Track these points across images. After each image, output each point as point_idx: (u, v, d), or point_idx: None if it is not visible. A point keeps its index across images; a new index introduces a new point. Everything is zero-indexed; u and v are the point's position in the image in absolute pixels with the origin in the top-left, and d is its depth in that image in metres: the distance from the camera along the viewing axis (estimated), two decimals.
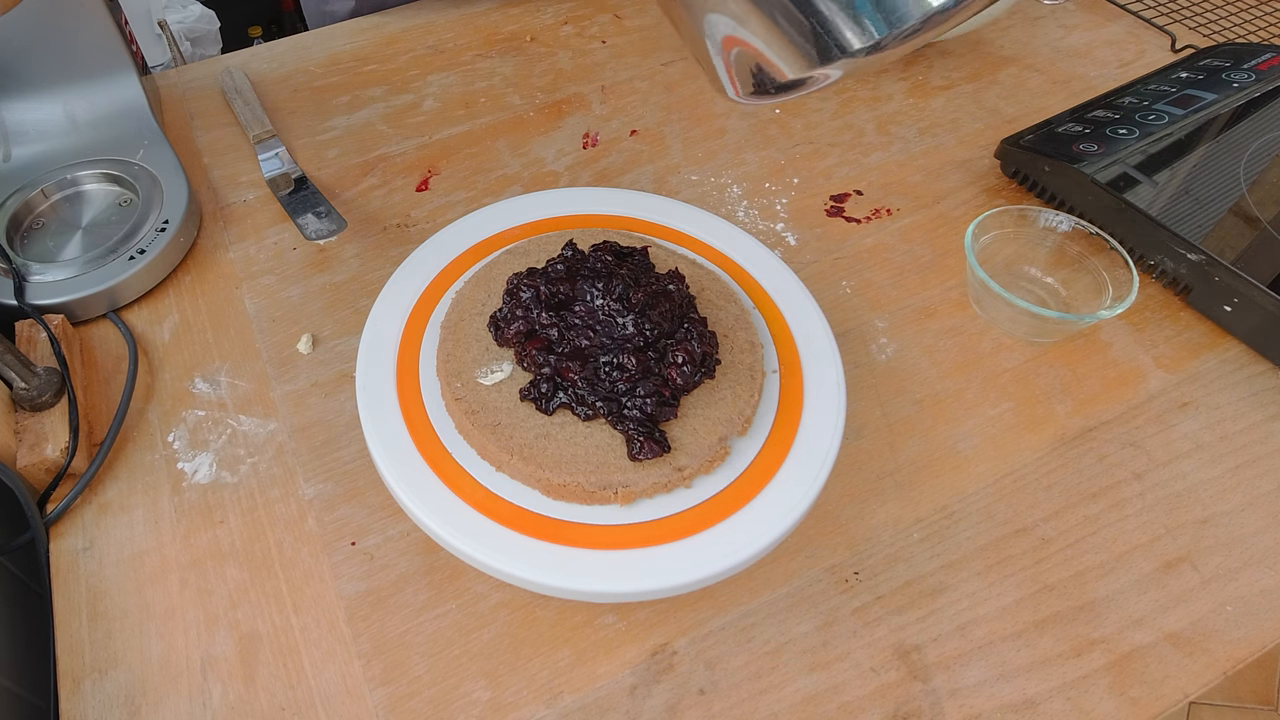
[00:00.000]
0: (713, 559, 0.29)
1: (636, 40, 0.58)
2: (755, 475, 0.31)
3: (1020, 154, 0.46)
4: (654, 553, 0.29)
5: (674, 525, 0.30)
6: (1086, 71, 0.55)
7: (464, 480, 0.31)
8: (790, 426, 0.32)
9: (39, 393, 0.35)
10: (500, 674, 0.30)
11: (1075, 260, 0.41)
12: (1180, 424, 0.38)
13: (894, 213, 0.47)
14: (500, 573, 0.29)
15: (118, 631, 0.31)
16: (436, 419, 0.32)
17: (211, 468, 0.36)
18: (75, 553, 0.34)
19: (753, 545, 0.29)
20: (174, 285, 0.43)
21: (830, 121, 0.52)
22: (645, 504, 0.30)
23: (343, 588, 0.32)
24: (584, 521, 0.30)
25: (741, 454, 0.32)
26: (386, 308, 0.36)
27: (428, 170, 0.49)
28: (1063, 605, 0.32)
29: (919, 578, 0.33)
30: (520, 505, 0.30)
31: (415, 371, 0.34)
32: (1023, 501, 0.35)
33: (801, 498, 0.30)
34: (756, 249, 0.39)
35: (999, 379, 0.39)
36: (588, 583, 0.28)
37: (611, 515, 0.30)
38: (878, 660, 0.31)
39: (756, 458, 0.32)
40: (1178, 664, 0.31)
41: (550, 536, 0.29)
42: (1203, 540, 0.34)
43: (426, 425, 0.32)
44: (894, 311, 0.42)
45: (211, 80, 0.55)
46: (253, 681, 0.30)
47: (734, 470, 0.31)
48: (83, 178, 0.45)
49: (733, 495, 0.31)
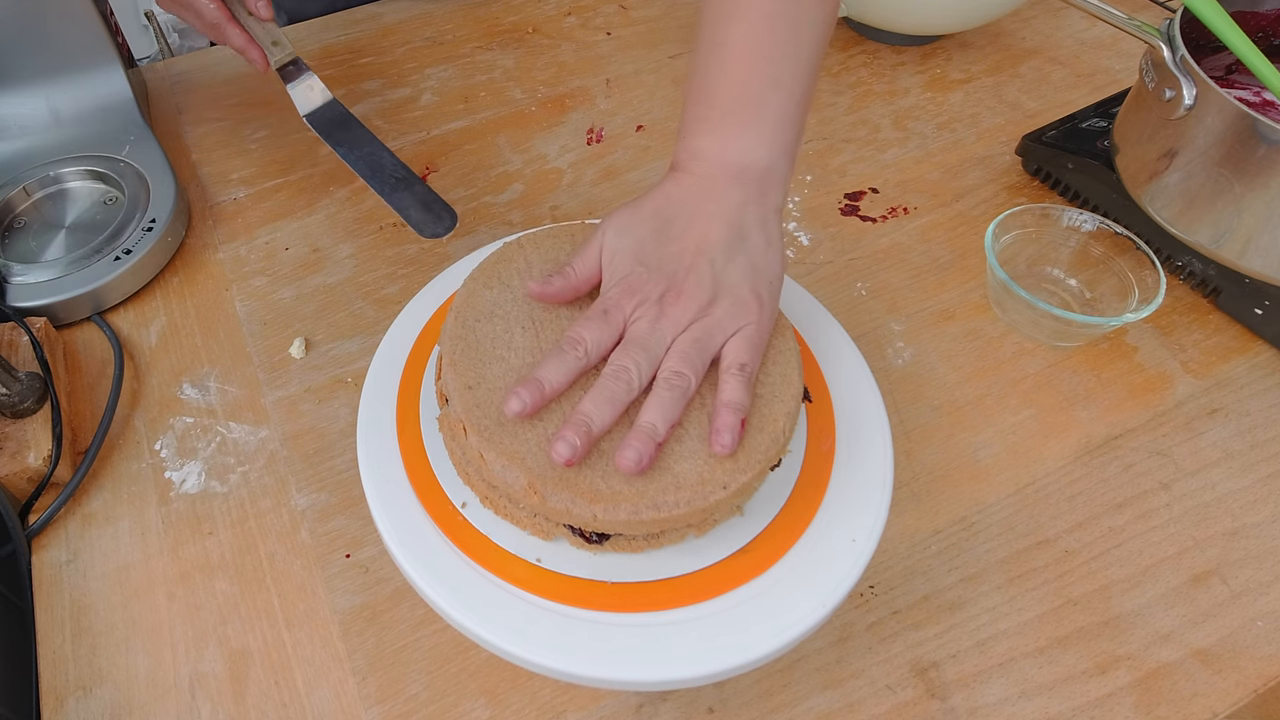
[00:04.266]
0: (758, 641, 0.25)
1: (642, 32, 0.57)
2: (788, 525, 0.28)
3: (1042, 150, 0.45)
4: (686, 629, 0.25)
5: (706, 583, 0.26)
6: (1111, 64, 0.54)
7: (500, 559, 0.27)
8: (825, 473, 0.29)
9: (20, 399, 0.34)
10: (501, 691, 0.29)
11: (1100, 261, 0.40)
12: (1209, 431, 0.37)
13: (911, 211, 0.46)
14: (543, 668, 0.25)
15: (103, 647, 0.31)
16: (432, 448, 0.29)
17: (200, 477, 0.35)
18: (58, 565, 0.33)
19: (799, 625, 0.25)
20: (161, 287, 0.42)
21: (844, 116, 0.51)
22: (661, 554, 0.27)
23: (337, 602, 0.31)
24: (619, 580, 0.26)
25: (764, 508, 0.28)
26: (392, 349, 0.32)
27: (426, 167, 0.48)
28: (1086, 620, 0.31)
29: (937, 592, 0.32)
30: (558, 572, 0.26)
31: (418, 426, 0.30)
32: (1045, 512, 0.34)
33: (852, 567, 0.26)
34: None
35: (1020, 385, 0.38)
36: (626, 671, 0.25)
37: (644, 568, 0.27)
38: (894, 678, 0.30)
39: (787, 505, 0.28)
40: (1206, 682, 0.30)
41: (588, 602, 0.26)
42: (1232, 553, 0.33)
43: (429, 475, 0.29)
44: (911, 314, 0.41)
45: (201, 73, 0.53)
46: (243, 700, 0.29)
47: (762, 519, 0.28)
48: (66, 175, 0.44)
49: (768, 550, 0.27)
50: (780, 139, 0.30)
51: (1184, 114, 0.36)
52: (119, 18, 0.48)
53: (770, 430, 0.27)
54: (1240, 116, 0.34)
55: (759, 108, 0.29)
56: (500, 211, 0.46)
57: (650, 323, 0.27)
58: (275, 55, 0.41)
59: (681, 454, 0.26)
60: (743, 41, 0.29)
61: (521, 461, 0.26)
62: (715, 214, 0.28)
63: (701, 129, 0.30)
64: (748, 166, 0.29)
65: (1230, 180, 0.36)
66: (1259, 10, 0.41)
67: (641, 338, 0.27)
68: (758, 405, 0.28)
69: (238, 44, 0.42)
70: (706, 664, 0.25)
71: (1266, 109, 0.40)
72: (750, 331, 0.27)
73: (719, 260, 0.28)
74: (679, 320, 0.27)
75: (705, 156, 0.30)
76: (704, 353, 0.27)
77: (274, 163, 0.48)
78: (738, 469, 0.26)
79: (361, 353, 0.39)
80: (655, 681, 0.25)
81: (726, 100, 0.30)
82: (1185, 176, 0.38)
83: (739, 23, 0.30)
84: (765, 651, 0.25)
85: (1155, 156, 0.39)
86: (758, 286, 0.28)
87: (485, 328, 0.29)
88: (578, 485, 0.26)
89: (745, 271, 0.28)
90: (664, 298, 0.27)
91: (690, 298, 0.27)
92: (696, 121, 0.30)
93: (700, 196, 0.29)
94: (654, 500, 0.26)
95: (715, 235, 0.28)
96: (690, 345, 0.27)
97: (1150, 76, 0.38)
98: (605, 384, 0.26)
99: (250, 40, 0.42)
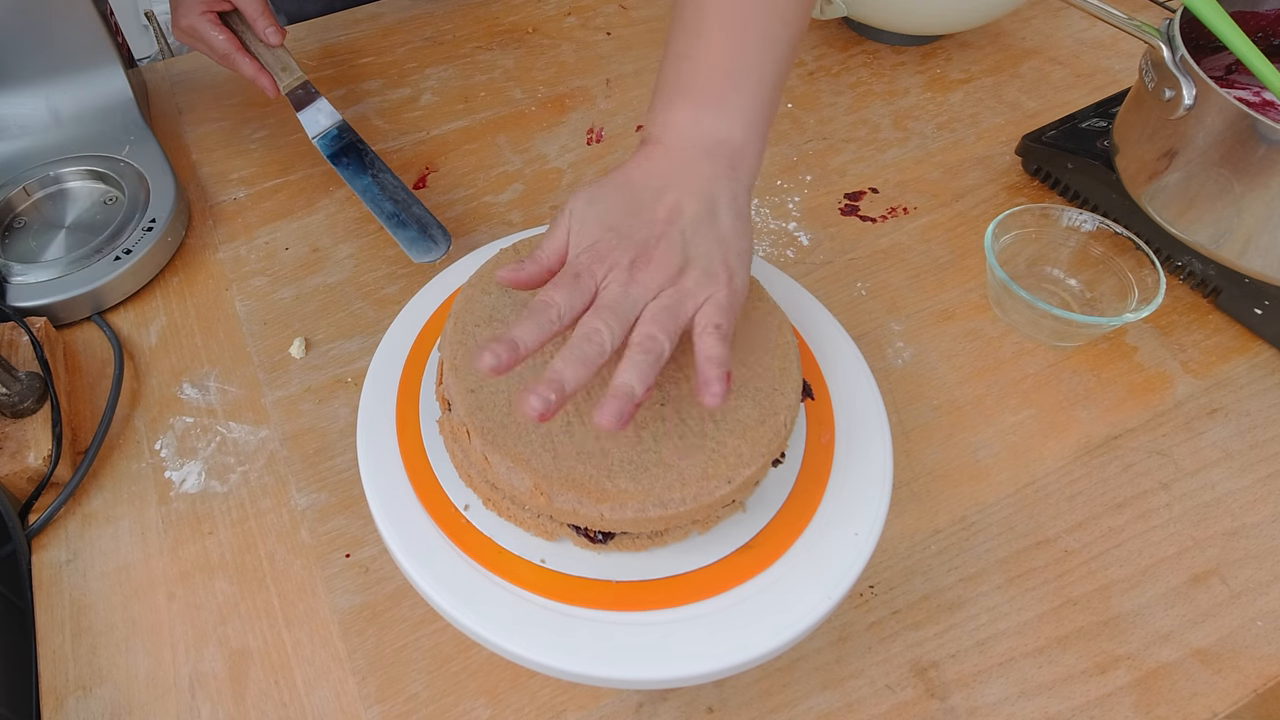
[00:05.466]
0: (759, 639, 0.25)
1: (643, 32, 0.57)
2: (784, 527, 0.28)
3: (1042, 150, 0.45)
4: (692, 624, 0.25)
5: (710, 580, 0.26)
6: (1111, 64, 0.54)
7: (505, 561, 0.27)
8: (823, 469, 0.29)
9: (20, 398, 0.34)
10: (501, 691, 0.29)
11: (1099, 261, 0.40)
12: (1209, 431, 0.37)
13: (911, 211, 0.46)
14: (549, 668, 0.25)
15: (103, 647, 0.30)
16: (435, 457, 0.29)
17: (200, 477, 0.35)
18: (58, 565, 0.33)
19: (799, 623, 0.25)
20: (161, 287, 0.42)
21: (844, 116, 0.51)
22: (664, 552, 0.27)
23: (337, 601, 0.31)
24: (624, 579, 0.26)
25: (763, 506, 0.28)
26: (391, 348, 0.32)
27: (425, 167, 0.48)
28: (1086, 620, 0.31)
29: (937, 592, 0.32)
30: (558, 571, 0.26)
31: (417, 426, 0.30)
32: (1045, 512, 0.34)
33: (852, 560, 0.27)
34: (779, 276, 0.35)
35: (1020, 384, 0.38)
36: (627, 670, 0.25)
37: (648, 566, 0.27)
38: (894, 677, 0.30)
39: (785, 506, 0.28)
40: (1206, 681, 0.30)
41: (595, 602, 0.26)
42: (1232, 552, 0.33)
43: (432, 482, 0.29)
44: (911, 314, 0.41)
45: (201, 73, 0.53)
46: (243, 699, 0.29)
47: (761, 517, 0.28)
48: (66, 175, 0.44)
49: (767, 550, 0.27)
50: (754, 115, 0.29)
51: (1184, 114, 0.36)
52: (119, 18, 0.48)
53: (772, 423, 0.27)
54: (1240, 116, 0.34)
55: (734, 84, 0.29)
56: (500, 211, 0.46)
57: (621, 287, 0.26)
58: (284, 80, 0.43)
59: (683, 449, 0.26)
60: (719, 16, 0.29)
61: (526, 463, 0.26)
62: (686, 186, 0.28)
63: (675, 102, 0.30)
64: (721, 141, 0.29)
65: (1230, 180, 0.36)
66: (1259, 10, 0.41)
67: (613, 302, 0.26)
68: (759, 399, 0.28)
69: (248, 72, 0.44)
70: (709, 661, 0.25)
71: (1266, 109, 0.39)
72: (721, 296, 0.27)
73: (689, 230, 0.27)
74: (649, 286, 0.26)
75: (677, 129, 0.29)
76: (676, 319, 0.26)
77: (274, 163, 0.48)
78: (741, 463, 0.26)
79: (361, 352, 0.39)
80: (657, 680, 0.25)
81: (702, 74, 0.29)
82: (1185, 176, 0.38)
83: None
84: (768, 648, 0.25)
85: (1155, 156, 0.39)
86: (728, 257, 0.27)
87: (485, 331, 0.29)
88: (584, 485, 0.26)
89: (714, 242, 0.27)
90: (634, 264, 0.27)
91: (660, 266, 0.27)
92: (670, 93, 0.30)
93: (671, 168, 0.29)
94: (660, 498, 0.25)
95: (686, 206, 0.28)
96: (662, 311, 0.26)
97: (1150, 76, 0.38)
98: (577, 344, 0.25)
99: (260, 68, 0.43)
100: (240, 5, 0.42)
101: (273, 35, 0.43)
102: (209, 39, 0.43)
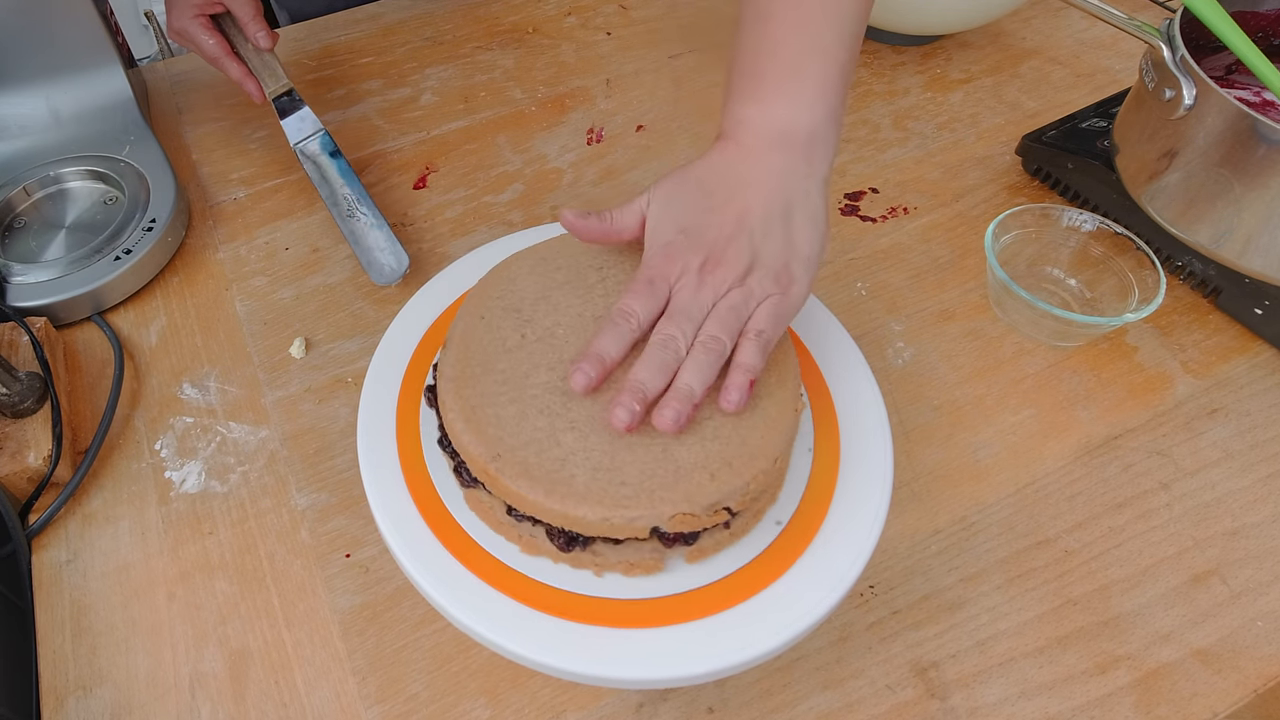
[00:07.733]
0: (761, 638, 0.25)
1: (642, 32, 0.57)
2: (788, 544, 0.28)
3: (1042, 150, 0.45)
4: (696, 628, 0.26)
5: (708, 597, 0.26)
6: (1111, 64, 0.54)
7: (492, 566, 0.27)
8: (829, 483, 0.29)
9: (20, 399, 0.34)
10: (501, 691, 0.29)
11: (1100, 261, 0.40)
12: (1209, 431, 0.37)
13: (911, 211, 0.46)
14: (550, 668, 0.25)
15: (103, 647, 0.30)
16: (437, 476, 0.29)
17: (200, 477, 0.35)
18: (59, 565, 0.33)
19: (792, 627, 0.25)
20: (161, 287, 0.42)
21: (845, 116, 0.51)
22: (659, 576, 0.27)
23: (337, 601, 0.31)
24: (627, 597, 0.26)
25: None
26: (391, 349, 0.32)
27: (425, 167, 0.48)
28: (1086, 620, 0.31)
29: (937, 592, 0.32)
30: (549, 584, 0.26)
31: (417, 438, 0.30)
32: (1045, 512, 0.34)
33: (853, 563, 0.27)
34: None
35: (1020, 384, 0.38)
36: (627, 670, 0.25)
37: (656, 584, 0.27)
38: (894, 677, 0.30)
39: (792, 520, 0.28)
40: (1206, 681, 0.30)
41: (596, 618, 0.26)
42: (1232, 553, 0.33)
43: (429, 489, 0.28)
44: (911, 314, 0.41)
45: (201, 73, 0.53)
46: (243, 699, 0.29)
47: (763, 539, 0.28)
48: (66, 175, 0.44)
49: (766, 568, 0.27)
50: (823, 103, 0.30)
51: (1184, 114, 0.36)
52: (119, 18, 0.48)
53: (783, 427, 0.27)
54: (1240, 116, 0.34)
55: (800, 73, 0.30)
56: (500, 211, 0.46)
57: (692, 292, 0.28)
58: (270, 87, 0.44)
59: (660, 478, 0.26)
60: (784, 11, 0.30)
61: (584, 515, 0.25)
62: (758, 183, 0.29)
63: (744, 97, 0.30)
64: (791, 132, 0.29)
65: (1230, 180, 0.36)
66: (1259, 10, 0.41)
67: (685, 307, 0.27)
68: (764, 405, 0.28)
69: (235, 76, 0.44)
70: (709, 661, 0.25)
71: (1266, 109, 0.39)
72: (777, 300, 0.28)
73: (758, 232, 0.28)
74: (718, 288, 0.28)
75: (748, 124, 0.30)
76: (739, 319, 0.27)
77: (274, 163, 0.48)
78: (764, 454, 0.26)
79: (361, 352, 0.39)
80: (657, 680, 0.25)
81: (768, 67, 0.30)
82: (1185, 176, 0.38)
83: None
84: (768, 648, 0.25)
85: (1155, 156, 0.39)
86: (791, 263, 0.28)
87: (494, 384, 0.27)
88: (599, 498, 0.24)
89: (783, 245, 0.28)
90: (704, 266, 0.28)
91: (729, 267, 0.28)
92: (740, 90, 0.30)
93: (743, 165, 0.29)
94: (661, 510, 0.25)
95: (756, 207, 0.29)
96: (727, 312, 0.27)
97: (1150, 76, 0.38)
98: (654, 352, 0.26)
99: (247, 73, 0.44)
100: (232, 8, 0.43)
101: (263, 39, 0.43)
102: (199, 42, 0.43)
